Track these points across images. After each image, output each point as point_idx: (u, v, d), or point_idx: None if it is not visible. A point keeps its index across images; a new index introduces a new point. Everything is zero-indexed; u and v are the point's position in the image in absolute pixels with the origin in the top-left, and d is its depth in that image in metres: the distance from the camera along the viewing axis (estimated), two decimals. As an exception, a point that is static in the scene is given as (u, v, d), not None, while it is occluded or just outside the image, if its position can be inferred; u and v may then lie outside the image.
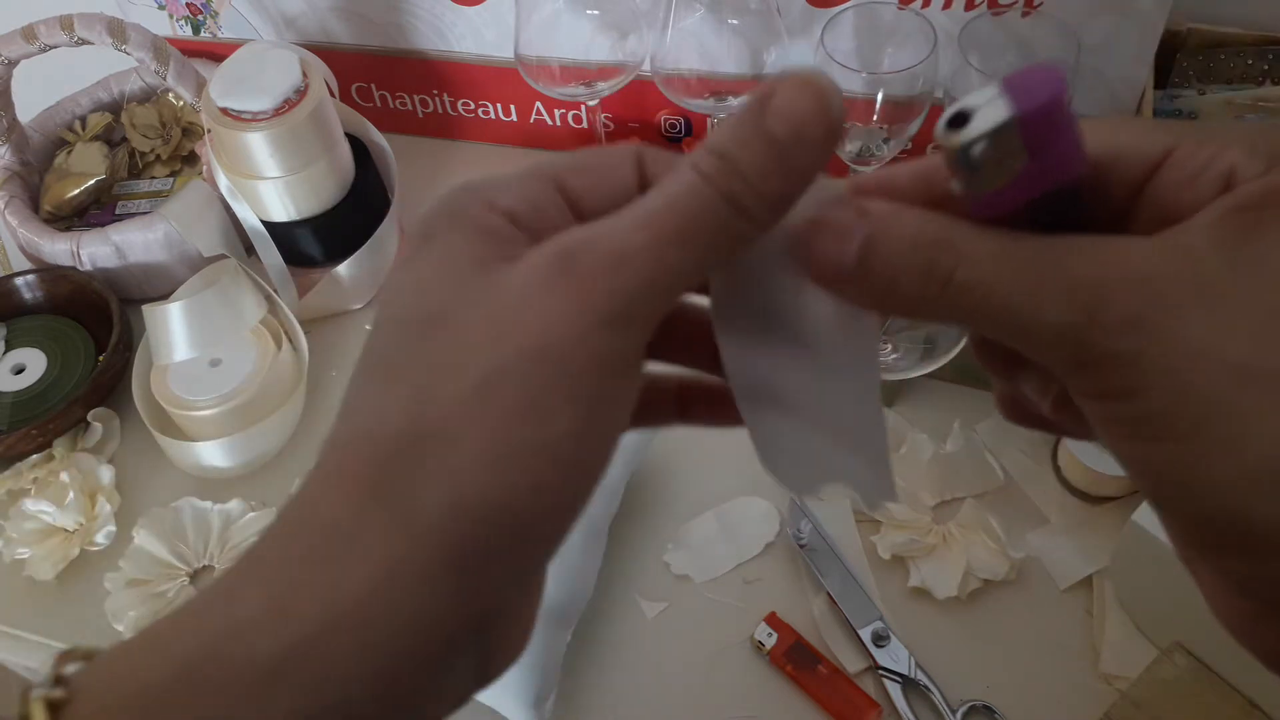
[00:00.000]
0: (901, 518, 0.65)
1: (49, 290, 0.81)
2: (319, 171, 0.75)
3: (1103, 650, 0.60)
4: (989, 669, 0.60)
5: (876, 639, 0.61)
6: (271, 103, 0.72)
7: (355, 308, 0.82)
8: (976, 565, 0.62)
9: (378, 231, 0.79)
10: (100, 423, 0.75)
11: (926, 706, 0.59)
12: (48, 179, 0.86)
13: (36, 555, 0.69)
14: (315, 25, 0.87)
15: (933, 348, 0.57)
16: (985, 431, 0.69)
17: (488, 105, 0.89)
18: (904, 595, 0.63)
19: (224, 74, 0.73)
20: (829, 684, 0.60)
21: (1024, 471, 0.68)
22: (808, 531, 0.65)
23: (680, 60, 0.73)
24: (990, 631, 0.62)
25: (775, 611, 0.62)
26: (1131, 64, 0.72)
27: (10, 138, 0.83)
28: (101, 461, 0.73)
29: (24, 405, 0.76)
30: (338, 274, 0.78)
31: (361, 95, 0.92)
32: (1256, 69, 0.74)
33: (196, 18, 0.89)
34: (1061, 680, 0.60)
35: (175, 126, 0.89)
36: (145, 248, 0.78)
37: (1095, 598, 0.62)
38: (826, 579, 0.63)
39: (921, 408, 0.71)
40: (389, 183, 0.83)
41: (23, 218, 0.81)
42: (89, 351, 0.79)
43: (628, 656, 0.63)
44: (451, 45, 0.85)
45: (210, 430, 0.71)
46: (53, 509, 0.70)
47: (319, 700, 0.21)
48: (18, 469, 0.73)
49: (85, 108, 0.90)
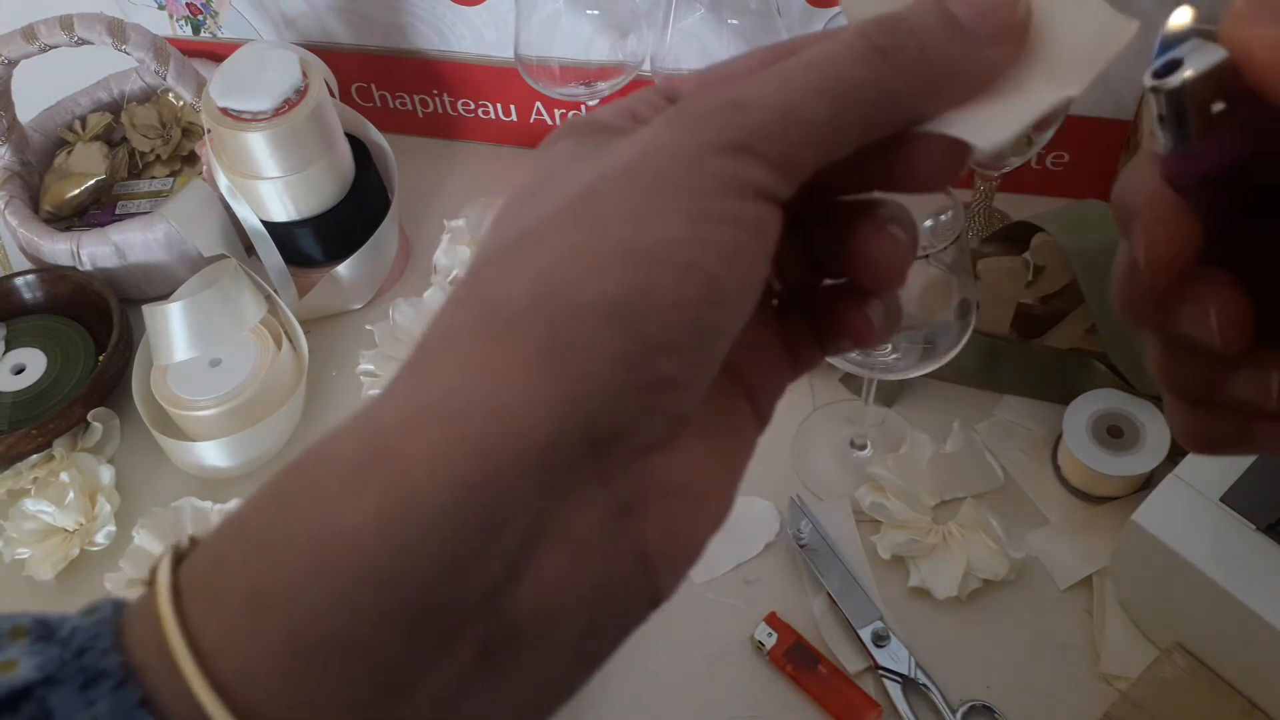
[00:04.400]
0: (901, 518, 0.65)
1: (49, 290, 0.81)
2: (319, 171, 0.75)
3: (1103, 650, 0.60)
4: (989, 669, 0.60)
5: (876, 639, 0.61)
6: (271, 103, 0.72)
7: (355, 308, 0.82)
8: (976, 565, 0.62)
9: (378, 231, 0.79)
10: (100, 423, 0.75)
11: (926, 706, 0.59)
12: (48, 179, 0.86)
13: (36, 555, 0.69)
14: (315, 25, 0.87)
15: (933, 348, 0.57)
16: (985, 431, 0.69)
17: (488, 105, 0.89)
18: (904, 595, 0.63)
19: (224, 74, 0.73)
20: (829, 684, 0.60)
21: (1024, 471, 0.68)
22: (808, 531, 0.65)
23: (680, 60, 0.73)
24: (990, 631, 0.62)
25: (775, 611, 0.62)
26: (1131, 64, 0.72)
27: (10, 138, 0.83)
28: (101, 461, 0.73)
29: (24, 405, 0.76)
30: (338, 274, 0.78)
31: (361, 95, 0.92)
32: (1256, 69, 0.74)
33: (196, 18, 0.89)
34: (1061, 680, 0.60)
35: (175, 126, 0.89)
36: (145, 248, 0.78)
37: (1095, 598, 0.62)
38: (826, 579, 0.63)
39: (921, 408, 0.71)
40: (389, 183, 0.83)
41: (23, 218, 0.81)
42: (89, 351, 0.79)
43: (628, 656, 0.62)
44: (451, 45, 0.85)
45: (210, 430, 0.71)
46: (53, 509, 0.70)
47: (401, 504, 0.19)
48: (18, 469, 0.73)
49: (85, 108, 0.90)
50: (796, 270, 0.27)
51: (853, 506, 0.67)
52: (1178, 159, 0.22)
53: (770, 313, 0.27)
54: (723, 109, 0.22)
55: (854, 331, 0.26)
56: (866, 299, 0.26)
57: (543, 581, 0.21)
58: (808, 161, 0.22)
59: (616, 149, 0.23)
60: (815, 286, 0.27)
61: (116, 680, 0.20)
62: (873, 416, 0.71)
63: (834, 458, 0.70)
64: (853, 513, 0.67)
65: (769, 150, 0.21)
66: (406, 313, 0.78)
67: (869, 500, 0.66)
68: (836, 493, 0.68)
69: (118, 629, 0.21)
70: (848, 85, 0.22)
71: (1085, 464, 0.63)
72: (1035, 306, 0.69)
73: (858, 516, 0.66)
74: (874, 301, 0.26)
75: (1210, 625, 0.56)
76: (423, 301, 0.79)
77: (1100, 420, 0.65)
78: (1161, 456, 0.63)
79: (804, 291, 0.27)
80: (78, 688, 0.20)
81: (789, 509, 0.67)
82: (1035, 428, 0.69)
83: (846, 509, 0.67)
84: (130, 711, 0.19)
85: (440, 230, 0.82)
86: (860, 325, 0.26)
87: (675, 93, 0.25)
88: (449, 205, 0.86)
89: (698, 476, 0.23)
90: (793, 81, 0.22)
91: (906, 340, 0.58)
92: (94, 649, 0.20)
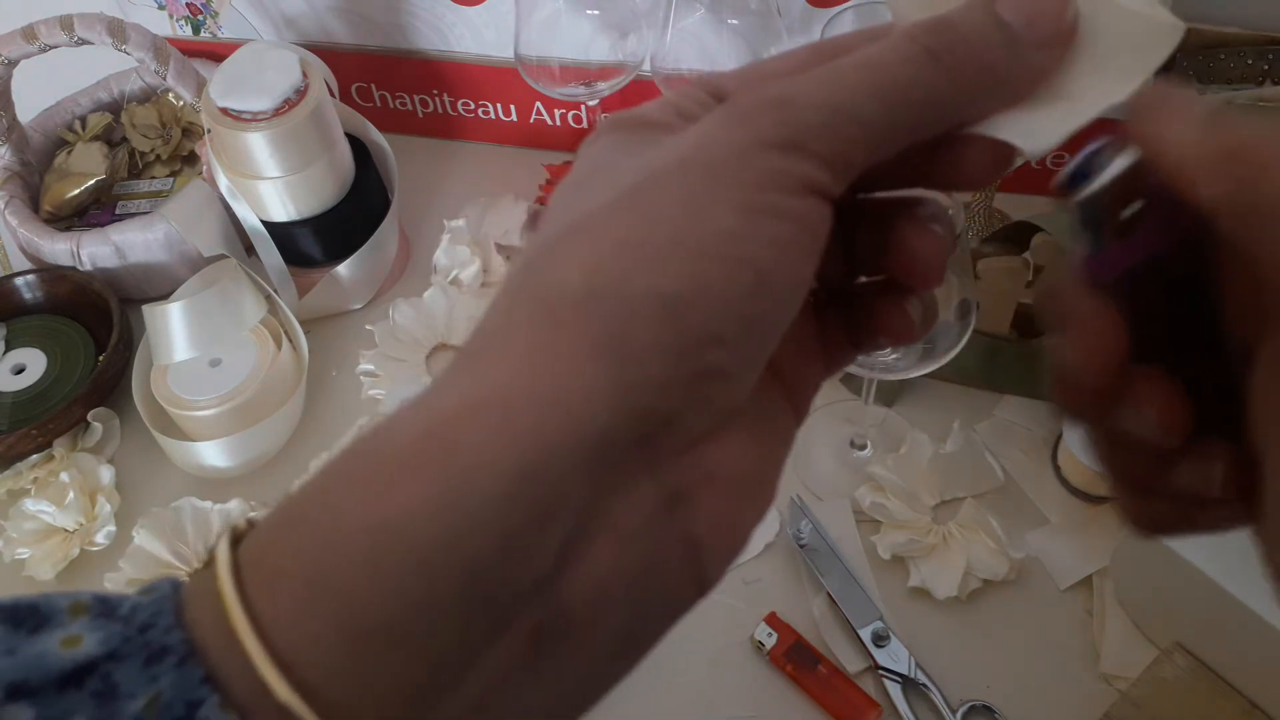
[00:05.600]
0: (901, 518, 0.65)
1: (49, 290, 0.81)
2: (319, 171, 0.75)
3: (1103, 650, 0.60)
4: (989, 669, 0.60)
5: (876, 639, 0.61)
6: (271, 103, 0.72)
7: (355, 308, 0.82)
8: (976, 565, 0.62)
9: (378, 231, 0.79)
10: (100, 423, 0.75)
11: (926, 706, 0.59)
12: (48, 179, 0.86)
13: (36, 555, 0.69)
14: (315, 25, 0.87)
15: (933, 348, 0.57)
16: (985, 431, 0.69)
17: (488, 105, 0.89)
18: (904, 595, 0.63)
19: (224, 74, 0.73)
20: (829, 684, 0.60)
21: (1024, 471, 0.68)
22: (808, 531, 0.65)
23: (680, 60, 0.73)
24: (990, 631, 0.62)
25: (775, 611, 0.62)
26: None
27: (10, 138, 0.83)
28: (101, 461, 0.73)
29: (24, 405, 0.76)
30: (338, 274, 0.78)
31: (361, 95, 0.92)
32: (1256, 69, 0.74)
33: (196, 18, 0.89)
34: (1061, 680, 0.60)
35: (175, 126, 0.89)
36: (145, 248, 0.78)
37: (1095, 598, 0.62)
38: (826, 579, 0.63)
39: (921, 408, 0.71)
40: (389, 183, 0.83)
41: (23, 218, 0.81)
42: (89, 351, 0.79)
43: (628, 656, 0.63)
44: (451, 45, 0.85)
45: (210, 430, 0.71)
46: (53, 509, 0.70)
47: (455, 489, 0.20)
48: (18, 469, 0.73)
49: (85, 108, 0.90)
50: (834, 266, 0.27)
51: (853, 506, 0.67)
52: (1097, 261, 0.22)
53: (809, 309, 0.27)
54: (775, 105, 0.22)
55: (893, 329, 0.27)
56: (906, 296, 0.26)
57: (593, 571, 0.21)
58: (858, 160, 0.22)
59: (668, 144, 0.23)
60: (852, 283, 0.28)
61: (180, 657, 0.20)
62: (873, 416, 0.71)
63: (834, 458, 0.70)
64: (853, 513, 0.67)
65: (820, 148, 0.22)
66: (406, 313, 0.78)
67: (869, 500, 0.66)
68: (836, 493, 0.68)
69: (177, 607, 0.21)
70: (899, 86, 0.22)
71: (1085, 464, 0.63)
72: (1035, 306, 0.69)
73: (858, 516, 0.66)
74: (913, 299, 0.26)
75: (1210, 625, 0.56)
76: (423, 301, 0.79)
77: (1100, 420, 0.65)
78: (1161, 456, 0.63)
79: (841, 288, 0.28)
80: (142, 663, 0.20)
81: (789, 509, 0.67)
82: (1035, 428, 0.69)
83: (846, 509, 0.67)
84: (195, 687, 0.20)
85: (440, 230, 0.82)
86: (899, 322, 0.26)
87: (721, 90, 0.25)
88: (449, 205, 0.86)
89: (744, 468, 0.24)
90: (844, 81, 0.22)
91: (906, 340, 0.58)
92: (157, 625, 0.21)
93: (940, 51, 0.22)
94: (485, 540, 0.20)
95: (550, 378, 0.20)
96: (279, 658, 0.20)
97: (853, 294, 0.27)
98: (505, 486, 0.20)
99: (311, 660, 0.20)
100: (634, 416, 0.21)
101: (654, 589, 0.22)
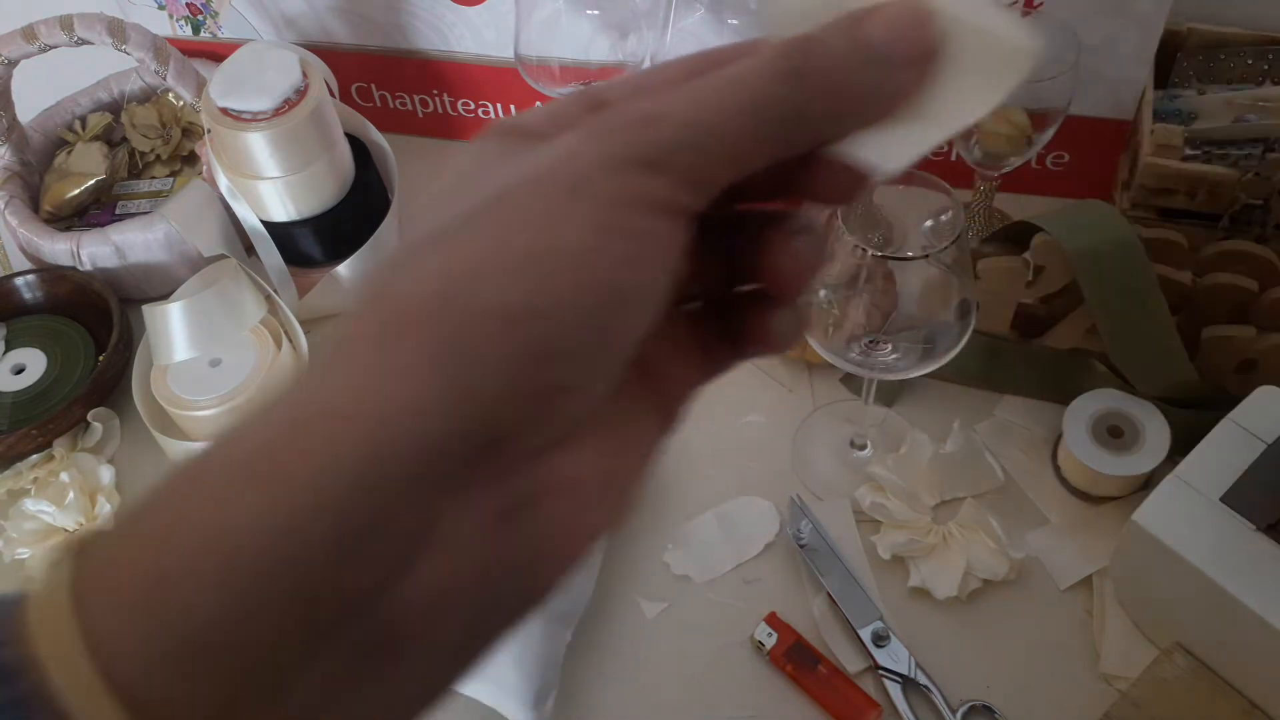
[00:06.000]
0: (901, 518, 0.65)
1: (49, 290, 0.81)
2: (319, 171, 0.75)
3: (1103, 650, 0.60)
4: (989, 669, 0.60)
5: (876, 639, 0.61)
6: (271, 103, 0.72)
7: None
8: (976, 565, 0.62)
9: (378, 231, 0.79)
10: (100, 423, 0.75)
11: (926, 706, 0.59)
12: (48, 179, 0.86)
13: (36, 555, 0.69)
14: (315, 25, 0.87)
15: (933, 348, 0.57)
16: (985, 431, 0.69)
17: (488, 105, 0.89)
18: (904, 595, 0.63)
19: (224, 74, 0.73)
20: (829, 684, 0.60)
21: (1024, 471, 0.68)
22: (808, 531, 0.65)
23: (680, 60, 0.72)
24: (990, 631, 0.62)
25: (775, 611, 0.62)
26: (1131, 64, 0.72)
27: (10, 138, 0.83)
28: (101, 461, 0.73)
29: (24, 405, 0.76)
30: (338, 274, 0.78)
31: (361, 95, 0.92)
32: (1256, 69, 0.74)
33: (196, 18, 0.89)
34: (1061, 680, 0.60)
35: (175, 126, 0.89)
36: (145, 248, 0.78)
37: (1095, 598, 0.62)
38: (826, 579, 0.63)
39: (921, 408, 0.71)
40: (389, 183, 0.83)
41: (23, 218, 0.81)
42: (89, 351, 0.79)
43: (628, 656, 0.63)
44: (451, 45, 0.85)
45: (210, 430, 0.71)
46: (53, 509, 0.70)
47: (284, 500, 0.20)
48: (18, 469, 0.74)
49: (85, 108, 0.90)
50: (714, 274, 0.27)
51: (853, 506, 0.67)
52: None
53: (686, 315, 0.28)
54: (638, 123, 0.22)
55: (763, 337, 0.27)
56: (776, 306, 0.27)
57: (428, 580, 0.21)
58: (719, 177, 0.23)
59: (534, 155, 0.23)
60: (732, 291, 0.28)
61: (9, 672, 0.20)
62: (873, 416, 0.71)
63: (834, 458, 0.70)
64: (853, 513, 0.67)
65: (680, 165, 0.22)
66: (406, 313, 0.78)
67: (869, 500, 0.66)
68: (836, 493, 0.68)
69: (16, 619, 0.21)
70: (762, 104, 0.22)
71: (1085, 464, 0.63)
72: (1035, 306, 0.69)
73: (858, 516, 0.66)
74: (783, 309, 0.27)
75: (1210, 625, 0.56)
76: (423, 301, 0.79)
77: (1100, 420, 0.65)
78: (1161, 456, 0.63)
79: (721, 295, 0.28)
80: None
81: (789, 509, 0.67)
82: (1035, 428, 0.69)
83: (846, 509, 0.67)
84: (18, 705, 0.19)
85: (440, 230, 0.82)
86: (769, 331, 0.27)
87: (601, 101, 0.25)
88: (449, 205, 0.86)
89: (592, 475, 0.24)
90: (710, 98, 0.22)
91: (906, 340, 0.58)
92: None
93: (805, 70, 0.22)
94: (310, 550, 0.20)
95: (382, 390, 0.20)
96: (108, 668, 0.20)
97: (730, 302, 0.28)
98: (331, 497, 0.20)
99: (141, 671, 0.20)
100: (470, 427, 0.21)
101: (490, 600, 0.22)
